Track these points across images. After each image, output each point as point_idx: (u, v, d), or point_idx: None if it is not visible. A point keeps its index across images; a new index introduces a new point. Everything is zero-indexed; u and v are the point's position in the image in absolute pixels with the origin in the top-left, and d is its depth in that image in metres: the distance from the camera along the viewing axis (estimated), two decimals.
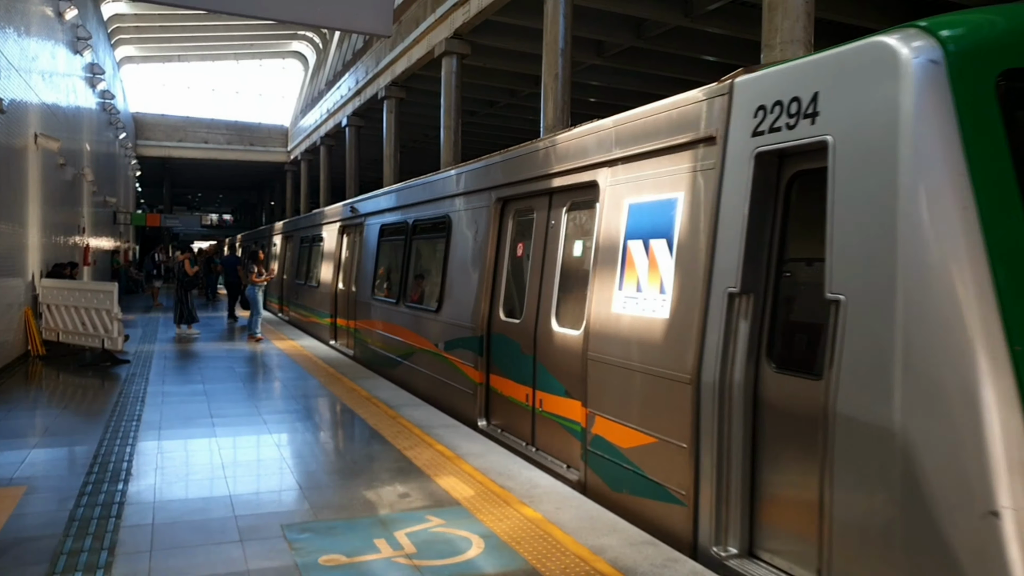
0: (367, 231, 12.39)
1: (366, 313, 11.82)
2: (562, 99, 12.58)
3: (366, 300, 11.83)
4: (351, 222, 13.72)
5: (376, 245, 11.76)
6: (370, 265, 11.92)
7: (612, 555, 4.23)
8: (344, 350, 13.18)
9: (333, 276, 14.50)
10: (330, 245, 15.11)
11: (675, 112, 4.82)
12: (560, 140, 6.29)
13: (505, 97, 23.26)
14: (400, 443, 6.67)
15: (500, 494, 5.28)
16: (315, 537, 4.45)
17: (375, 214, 12.16)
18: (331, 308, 14.43)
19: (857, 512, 3.28)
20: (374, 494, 5.27)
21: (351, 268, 13.45)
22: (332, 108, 31.10)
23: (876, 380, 3.20)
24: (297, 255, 19.26)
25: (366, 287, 11.93)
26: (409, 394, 9.12)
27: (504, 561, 4.12)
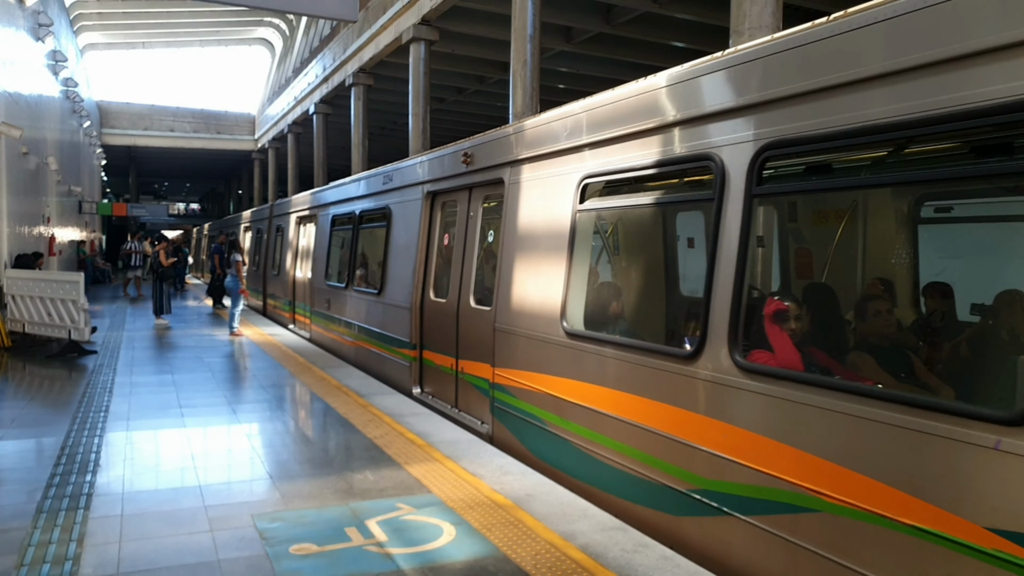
0: (321, 221, 13.24)
1: (321, 298, 12.59)
2: (531, 86, 12.58)
3: (320, 286, 12.66)
4: (307, 213, 14.46)
5: (329, 235, 12.61)
6: (322, 253, 12.84)
7: (583, 541, 4.30)
8: (301, 333, 14.05)
9: (292, 264, 15.44)
10: (289, 235, 15.94)
11: (569, 120, 5.81)
12: (476, 142, 7.43)
13: (474, 84, 23.18)
14: (371, 432, 6.68)
15: (471, 481, 5.32)
16: (286, 526, 4.46)
17: (328, 205, 12.98)
18: (290, 295, 15.44)
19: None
20: (345, 483, 5.28)
21: (308, 256, 14.28)
22: (299, 96, 30.74)
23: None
24: (255, 245, 20.15)
25: (320, 274, 12.80)
26: (379, 383, 9.12)
27: (476, 548, 4.17)
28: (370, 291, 10.19)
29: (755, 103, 4.01)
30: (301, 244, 14.99)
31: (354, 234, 11.14)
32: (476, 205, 7.41)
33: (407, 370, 8.66)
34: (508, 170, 6.62)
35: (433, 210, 8.46)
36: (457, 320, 7.46)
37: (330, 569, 3.88)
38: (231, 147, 44.34)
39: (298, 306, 14.89)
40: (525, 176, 6.35)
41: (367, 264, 11.14)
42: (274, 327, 15.23)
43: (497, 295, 6.59)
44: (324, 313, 12.44)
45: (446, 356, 7.75)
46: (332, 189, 13.13)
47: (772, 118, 3.90)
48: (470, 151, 7.38)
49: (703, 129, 4.41)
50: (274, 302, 17.47)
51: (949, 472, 2.95)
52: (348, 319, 11.05)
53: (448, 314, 7.70)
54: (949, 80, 3.05)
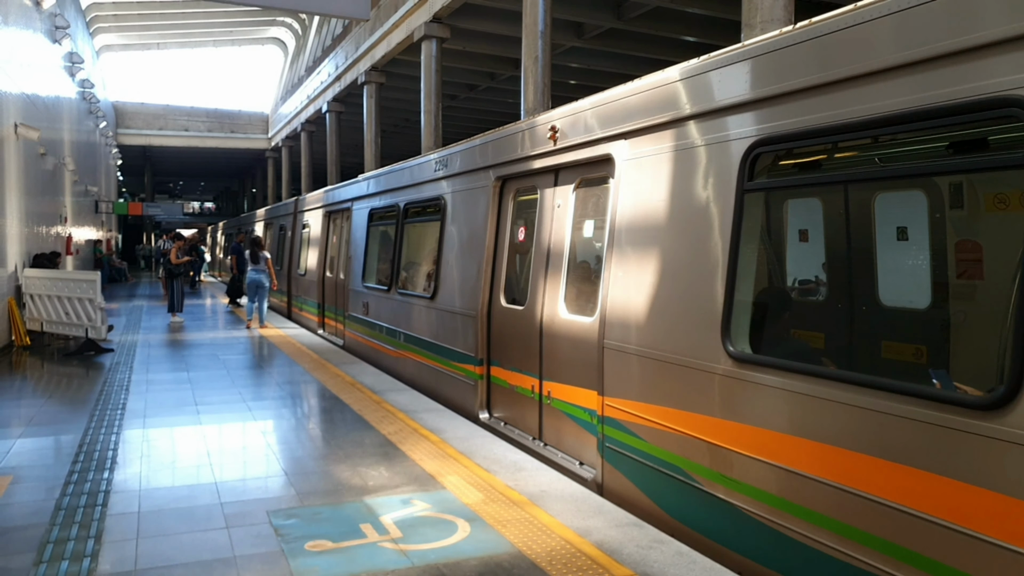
0: (356, 216, 11.99)
1: (358, 302, 11.49)
2: (542, 82, 12.55)
3: (356, 288, 11.53)
4: (339, 207, 13.32)
5: (366, 231, 11.34)
6: (359, 252, 11.59)
7: (598, 537, 4.29)
8: (333, 339, 12.98)
9: (321, 263, 14.30)
10: (319, 232, 14.73)
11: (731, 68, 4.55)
12: (567, 113, 5.92)
13: (485, 80, 23.17)
14: (385, 428, 6.70)
15: (485, 477, 5.32)
16: (301, 523, 4.48)
17: (365, 198, 11.74)
18: (319, 297, 14.32)
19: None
20: (360, 479, 5.30)
21: (340, 255, 13.13)
22: (312, 94, 30.85)
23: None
24: (279, 243, 19.03)
25: (356, 275, 11.61)
26: (393, 379, 9.15)
27: (490, 544, 4.17)
28: (420, 295, 8.93)
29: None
30: (332, 241, 13.91)
31: (398, 229, 9.90)
32: (565, 191, 6.07)
33: (471, 390, 7.30)
34: (621, 144, 5.16)
35: (503, 199, 7.11)
36: (540, 333, 6.18)
37: (345, 565, 3.90)
38: (245, 146, 44.60)
39: (329, 309, 13.78)
40: (649, 149, 4.86)
41: (415, 264, 9.90)
42: (293, 327, 15.30)
43: (605, 303, 5.16)
44: (361, 318, 11.24)
45: (524, 376, 6.46)
46: (369, 180, 11.72)
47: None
48: (559, 124, 5.99)
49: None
50: (301, 305, 16.20)
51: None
52: (391, 326, 9.86)
53: (527, 325, 6.40)
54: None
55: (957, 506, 2.91)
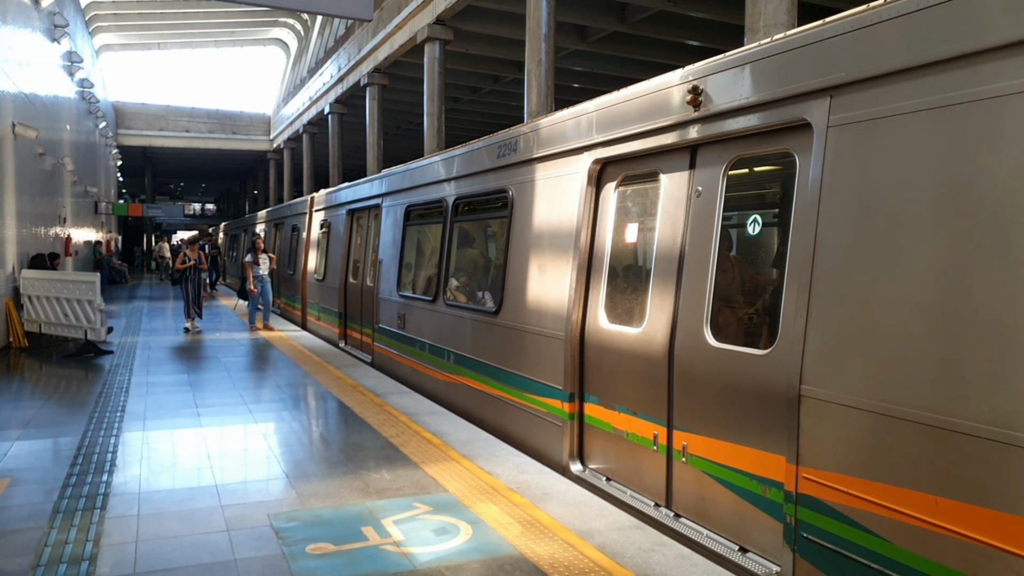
0: (387, 215, 10.62)
1: (390, 313, 10.02)
2: (546, 84, 12.55)
3: (389, 298, 10.11)
4: (364, 204, 11.95)
5: (402, 231, 9.94)
6: (392, 256, 10.20)
7: (600, 540, 4.26)
8: (359, 355, 11.51)
9: (343, 268, 12.87)
10: (339, 233, 13.31)
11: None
12: (716, 65, 4.48)
13: (489, 83, 23.18)
14: (387, 431, 6.66)
15: (487, 480, 5.28)
16: (302, 526, 4.44)
17: (399, 193, 10.28)
18: (340, 306, 12.89)
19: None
20: (361, 482, 5.26)
21: (366, 259, 11.79)
22: (314, 96, 30.87)
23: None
24: (289, 246, 17.91)
25: (389, 282, 10.17)
26: (394, 382, 9.10)
27: (492, 547, 4.13)
28: (479, 308, 7.51)
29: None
30: (356, 243, 12.43)
31: (446, 229, 8.33)
32: (711, 174, 4.55)
33: (555, 432, 5.83)
34: (824, 103, 3.68)
35: (603, 188, 5.64)
36: (670, 365, 4.70)
37: (347, 568, 3.86)
38: (246, 147, 44.63)
39: (352, 320, 12.32)
40: (891, 107, 3.35)
41: (470, 270, 8.46)
42: (295, 330, 15.26)
43: (800, 331, 3.68)
44: (395, 332, 9.74)
45: (640, 420, 4.98)
46: (405, 173, 10.16)
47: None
48: (704, 84, 4.49)
49: None
50: (317, 313, 14.64)
51: None
52: (436, 343, 8.33)
53: (646, 353, 4.90)
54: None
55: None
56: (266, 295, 14.50)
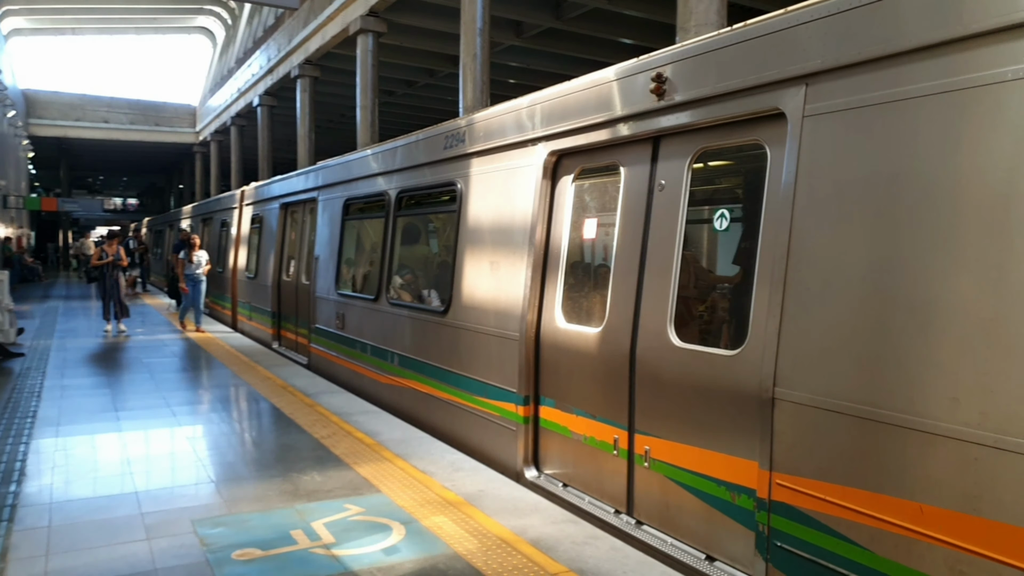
0: (324, 208, 10.13)
1: (328, 313, 9.56)
2: (481, 79, 12.49)
3: (327, 296, 9.62)
4: (299, 198, 11.44)
5: (340, 226, 9.44)
6: (330, 252, 9.67)
7: (534, 535, 4.24)
8: (294, 357, 10.97)
9: (276, 265, 12.33)
10: (273, 228, 12.72)
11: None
12: (681, 52, 4.31)
13: (424, 77, 22.97)
14: (318, 431, 6.51)
15: (421, 479, 5.21)
16: (228, 531, 4.29)
17: (337, 186, 9.78)
18: (273, 305, 12.36)
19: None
20: (291, 485, 5.12)
21: (302, 256, 11.28)
22: (243, 87, 30.01)
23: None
24: (219, 241, 17.20)
25: (326, 280, 9.68)
26: (327, 381, 8.91)
27: (425, 547, 4.07)
28: (424, 308, 7.20)
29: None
30: (290, 239, 11.98)
31: (388, 225, 7.93)
32: (674, 166, 4.36)
33: (510, 437, 5.56)
34: (799, 92, 3.52)
35: (558, 181, 5.38)
36: (631, 366, 4.50)
37: (275, 573, 3.74)
38: (171, 140, 43.05)
39: (287, 320, 11.80)
40: (873, 96, 3.20)
41: (414, 267, 8.14)
42: (226, 331, 14.80)
43: (774, 331, 3.53)
44: (334, 333, 9.28)
45: (600, 423, 4.78)
46: (343, 164, 9.70)
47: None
48: (669, 71, 4.29)
49: None
50: (249, 313, 14.09)
51: None
52: (379, 345, 7.95)
53: (606, 354, 4.72)
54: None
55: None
56: (198, 296, 13.81)
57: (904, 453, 2.96)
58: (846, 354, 3.21)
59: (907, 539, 2.95)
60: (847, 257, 3.25)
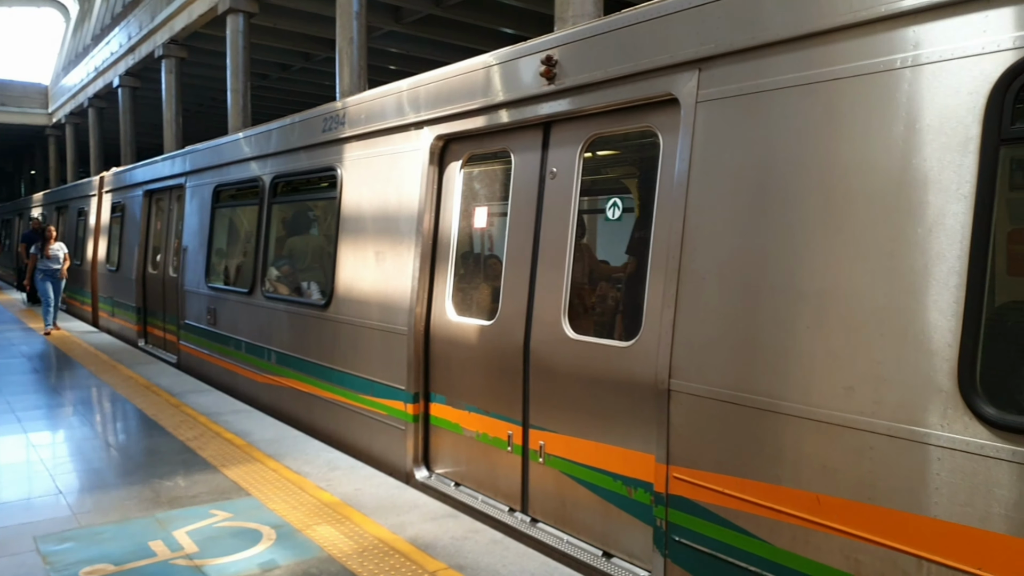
0: (192, 196, 9.57)
1: (198, 307, 9.04)
2: (358, 64, 12.17)
3: (196, 290, 9.12)
4: (165, 185, 10.74)
5: (211, 215, 8.95)
6: (199, 242, 9.17)
7: (412, 532, 4.16)
8: (163, 355, 10.36)
9: (140, 257, 11.64)
10: (138, 217, 11.92)
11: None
12: (573, 36, 4.18)
13: (300, 60, 22.17)
14: (183, 433, 6.14)
15: (295, 480, 5.01)
16: (77, 547, 3.95)
17: (206, 171, 9.23)
18: (139, 299, 11.62)
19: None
20: (152, 492, 4.79)
21: (169, 246, 10.65)
22: (101, 66, 27.94)
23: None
24: (77, 232, 16.07)
25: (195, 272, 9.18)
26: (194, 380, 8.44)
27: (297, 552, 3.90)
28: (303, 301, 6.83)
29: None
30: (156, 229, 11.28)
31: (263, 213, 7.55)
32: (564, 154, 4.28)
33: (398, 437, 5.33)
34: (693, 77, 3.47)
35: (446, 168, 5.20)
36: (526, 359, 4.39)
37: None
38: (19, 121, 39.44)
39: (153, 316, 11.08)
40: (769, 81, 3.17)
41: (292, 258, 7.67)
42: (87, 328, 13.74)
43: (670, 322, 3.48)
44: (205, 329, 8.79)
45: (493, 419, 4.65)
46: (214, 149, 9.13)
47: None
48: (555, 54, 4.19)
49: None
50: (110, 309, 13.28)
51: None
52: (255, 341, 7.54)
53: (499, 348, 4.58)
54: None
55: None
56: (55, 292, 12.56)
57: (801, 444, 2.95)
58: (742, 344, 3.17)
59: (804, 530, 2.95)
60: (741, 246, 3.21)
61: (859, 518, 2.79)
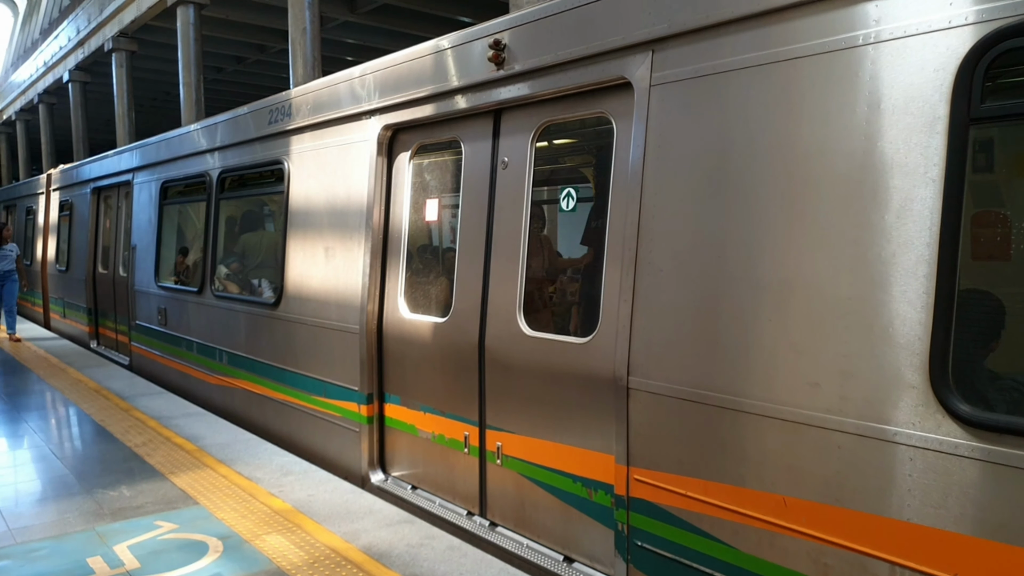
0: (140, 193, 9.29)
1: (148, 307, 8.81)
2: (312, 55, 11.90)
3: (146, 289, 8.87)
4: (111, 181, 10.44)
5: (158, 211, 8.68)
6: (148, 240, 8.91)
7: (366, 540, 4.02)
8: (115, 357, 10.08)
9: (91, 255, 11.25)
10: (85, 214, 11.56)
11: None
12: (523, 18, 4.05)
13: (254, 53, 21.69)
14: (132, 439, 5.91)
15: (246, 487, 4.83)
16: (11, 565, 3.75)
17: (153, 167, 8.95)
18: (89, 300, 11.30)
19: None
20: (94, 503, 4.58)
21: (116, 244, 10.37)
22: (50, 61, 27.10)
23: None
24: (25, 231, 15.58)
25: (145, 271, 8.93)
26: (146, 382, 8.17)
27: (244, 565, 3.74)
28: (253, 300, 6.67)
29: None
30: (105, 227, 10.95)
31: (210, 209, 7.33)
32: (516, 142, 4.11)
33: (352, 439, 5.18)
34: (646, 59, 3.33)
35: (395, 159, 5.01)
36: (481, 358, 4.26)
37: None
38: None
39: (105, 317, 10.78)
40: (724, 62, 3.02)
41: (241, 255, 7.47)
42: (26, 324, 13.29)
43: (627, 317, 3.34)
44: (157, 331, 8.55)
45: (449, 420, 4.52)
46: (160, 143, 8.84)
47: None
48: (508, 38, 4.02)
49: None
50: (61, 310, 12.95)
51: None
52: (206, 342, 7.37)
53: (453, 346, 4.44)
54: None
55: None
56: (10, 296, 11.82)
57: (765, 443, 2.82)
58: (702, 339, 3.04)
59: (770, 533, 2.83)
60: (699, 236, 3.06)
61: (827, 521, 2.67)
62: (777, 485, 2.81)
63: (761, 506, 2.86)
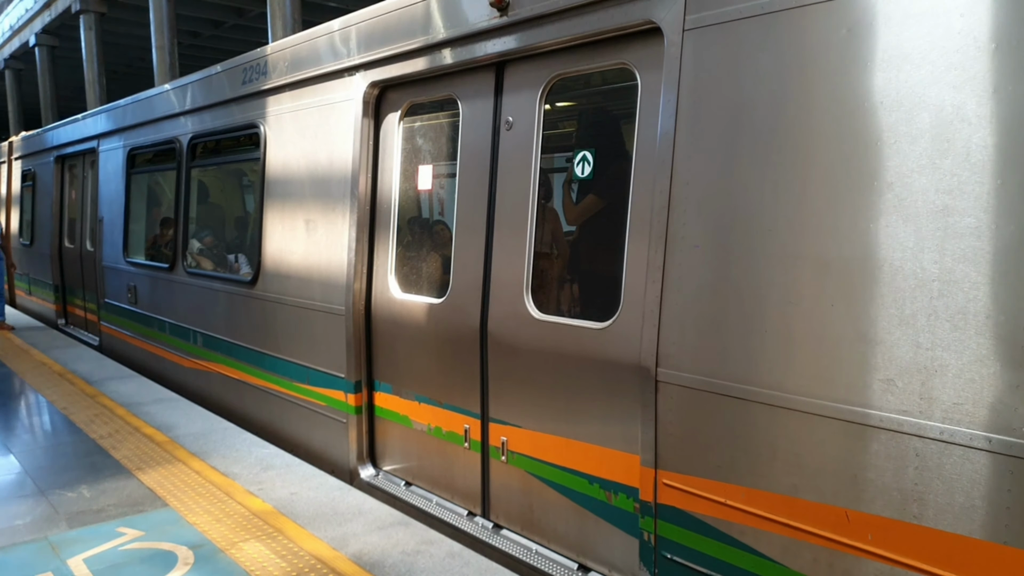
0: (105, 161, 8.65)
1: (118, 285, 8.26)
2: (292, 18, 11.28)
3: (116, 265, 8.30)
4: (75, 149, 9.78)
5: (125, 180, 8.08)
6: (115, 211, 8.29)
7: (356, 547, 3.58)
8: (84, 337, 9.54)
9: (57, 228, 10.57)
10: (48, 184, 10.82)
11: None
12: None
13: (232, 17, 20.85)
14: (96, 430, 5.42)
15: (222, 484, 4.37)
16: None
17: (118, 133, 8.34)
18: (56, 277, 10.64)
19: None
20: (48, 507, 4.10)
21: (82, 216, 9.72)
22: (16, 24, 25.98)
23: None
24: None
25: (113, 245, 8.33)
26: (117, 364, 7.65)
27: None
28: (228, 277, 6.18)
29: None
30: (69, 198, 10.34)
31: (181, 177, 6.75)
32: (522, 99, 3.63)
33: (340, 431, 4.74)
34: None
35: (383, 120, 4.50)
36: (483, 343, 3.81)
37: None
38: None
39: (73, 295, 10.19)
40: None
41: (215, 228, 7.06)
42: None
43: (656, 299, 2.90)
44: (127, 309, 8.04)
45: (447, 411, 4.09)
46: (126, 107, 8.18)
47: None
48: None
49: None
50: (26, 287, 12.33)
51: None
52: (178, 322, 6.87)
53: (451, 329, 4.00)
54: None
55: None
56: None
57: (824, 448, 2.42)
58: (746, 327, 2.60)
59: (829, 551, 2.41)
60: (744, 206, 2.60)
61: (901, 540, 2.26)
62: (839, 496, 2.40)
63: (818, 520, 2.45)
